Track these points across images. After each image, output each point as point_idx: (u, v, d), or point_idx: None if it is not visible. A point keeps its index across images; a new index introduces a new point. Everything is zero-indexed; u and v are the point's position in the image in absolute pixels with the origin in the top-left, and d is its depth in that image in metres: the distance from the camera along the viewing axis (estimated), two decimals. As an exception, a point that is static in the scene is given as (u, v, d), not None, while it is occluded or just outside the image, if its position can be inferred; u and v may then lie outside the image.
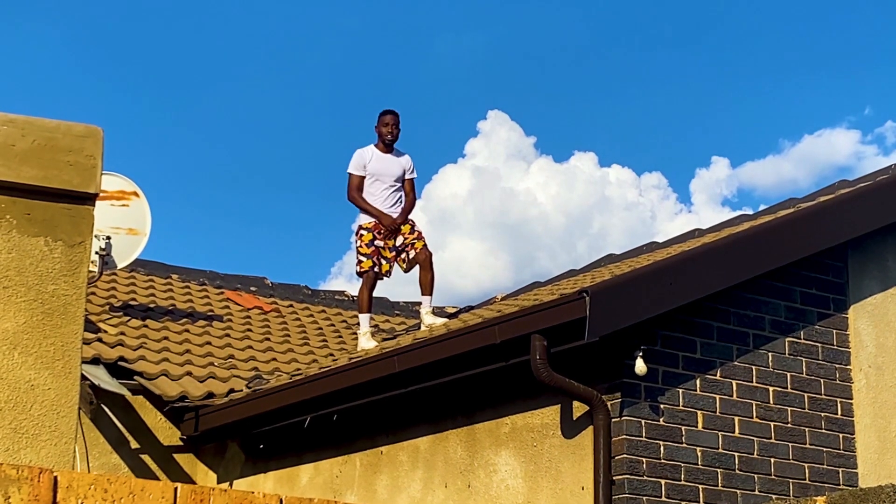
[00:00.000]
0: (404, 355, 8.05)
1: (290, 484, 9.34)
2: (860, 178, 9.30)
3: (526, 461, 7.36)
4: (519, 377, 7.22)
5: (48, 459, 3.64)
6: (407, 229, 9.89)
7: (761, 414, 7.35)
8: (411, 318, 13.34)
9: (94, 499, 2.35)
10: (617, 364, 6.93)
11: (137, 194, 10.74)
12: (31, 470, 2.31)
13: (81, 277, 3.80)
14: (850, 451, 7.63)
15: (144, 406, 9.94)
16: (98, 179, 3.87)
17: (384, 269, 9.89)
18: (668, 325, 7.12)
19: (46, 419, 3.64)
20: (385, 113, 10.04)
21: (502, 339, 7.20)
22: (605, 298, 6.79)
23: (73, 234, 3.81)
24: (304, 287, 14.29)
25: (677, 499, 6.90)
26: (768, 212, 9.56)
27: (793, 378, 7.53)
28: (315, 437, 9.08)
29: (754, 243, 7.60)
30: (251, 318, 12.34)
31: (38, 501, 2.29)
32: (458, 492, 7.81)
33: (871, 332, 7.94)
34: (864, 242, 8.05)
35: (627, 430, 6.84)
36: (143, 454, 9.91)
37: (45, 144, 3.79)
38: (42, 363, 3.66)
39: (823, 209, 8.08)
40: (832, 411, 7.63)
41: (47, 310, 3.71)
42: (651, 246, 10.84)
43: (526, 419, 7.41)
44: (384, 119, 10.03)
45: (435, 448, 8.08)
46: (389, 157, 9.99)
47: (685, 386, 7.11)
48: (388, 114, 10.04)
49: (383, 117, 10.03)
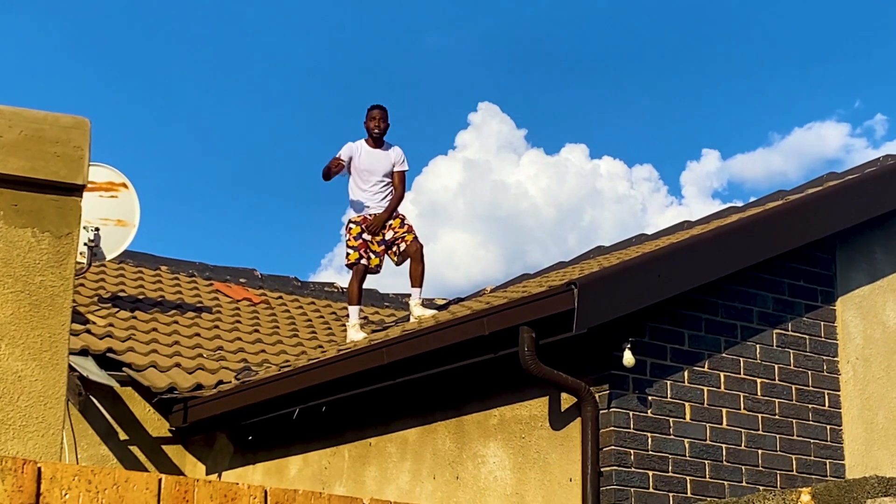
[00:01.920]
0: (393, 347, 8.06)
1: (278, 475, 9.35)
2: (848, 171, 9.32)
3: (514, 453, 7.38)
4: (507, 369, 7.24)
5: (35, 451, 3.64)
6: (397, 223, 9.91)
7: (749, 405, 7.37)
8: (401, 309, 13.34)
9: (78, 490, 2.35)
10: (605, 356, 6.94)
11: (126, 186, 10.72)
12: (15, 461, 2.32)
13: (69, 269, 3.79)
14: (837, 442, 7.65)
15: (133, 397, 9.94)
16: (85, 170, 3.86)
17: (373, 264, 9.90)
18: (656, 316, 7.13)
19: (34, 410, 3.64)
20: (372, 108, 10.10)
21: (490, 330, 7.21)
22: (593, 290, 6.80)
23: (61, 226, 3.80)
24: (293, 279, 14.29)
25: (665, 490, 6.92)
26: (757, 204, 9.57)
27: (780, 370, 7.55)
28: (304, 429, 9.09)
29: (742, 235, 7.61)
30: (240, 309, 12.33)
31: (22, 492, 2.30)
32: (446, 483, 7.83)
33: (858, 324, 7.96)
34: (852, 235, 8.07)
35: (615, 422, 6.86)
36: (131, 446, 9.90)
37: (33, 135, 3.78)
38: (29, 354, 3.66)
39: (812, 201, 8.09)
40: (819, 403, 7.65)
41: (34, 301, 3.70)
42: (640, 238, 10.86)
43: (514, 411, 7.43)
44: (371, 113, 10.08)
45: (423, 440, 8.09)
46: (378, 152, 10.02)
47: (673, 378, 7.12)
48: (375, 108, 10.10)
49: (370, 112, 10.09)
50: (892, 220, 8.27)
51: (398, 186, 9.99)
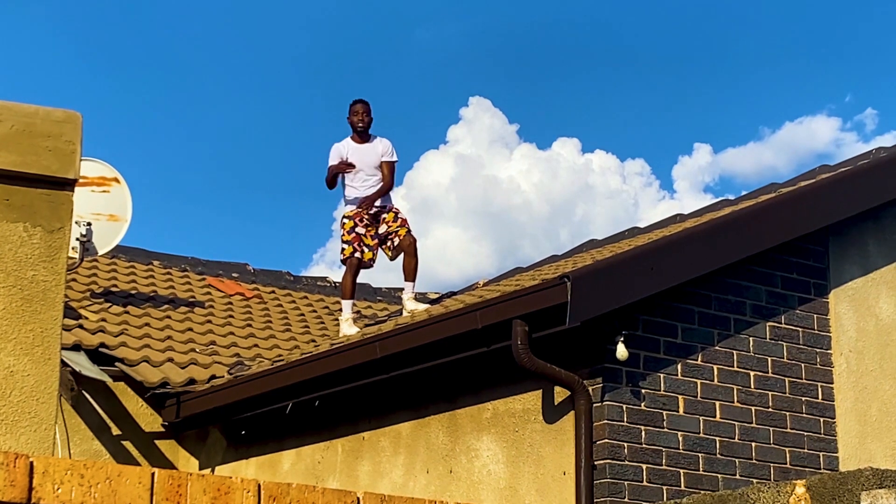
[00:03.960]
0: (386, 341, 8.06)
1: (272, 470, 9.34)
2: (841, 164, 9.33)
3: (508, 446, 7.37)
4: (500, 362, 7.23)
5: (28, 446, 3.64)
6: (391, 217, 9.89)
7: (742, 398, 7.37)
8: (394, 304, 13.33)
9: (70, 484, 2.34)
10: (598, 349, 6.94)
11: (118, 180, 10.71)
12: (7, 455, 2.31)
13: (61, 263, 3.79)
14: (830, 435, 7.66)
15: (126, 392, 9.93)
16: (77, 165, 3.85)
17: (367, 258, 9.88)
18: (649, 309, 7.13)
19: (26, 405, 3.63)
20: (354, 103, 10.09)
21: (484, 324, 7.21)
22: (586, 284, 6.80)
23: (53, 220, 3.79)
24: (286, 273, 14.28)
25: (658, 483, 6.92)
26: (749, 197, 9.57)
27: (774, 362, 7.55)
28: (297, 423, 9.08)
29: (735, 228, 7.61)
30: (233, 304, 12.33)
31: (14, 486, 2.29)
32: (439, 477, 7.82)
33: (851, 317, 7.96)
34: (845, 227, 8.07)
35: (609, 415, 6.86)
36: (124, 440, 9.89)
37: (24, 130, 3.77)
38: (21, 349, 3.65)
39: (804, 194, 8.09)
40: (813, 395, 7.66)
41: (26, 296, 3.70)
42: (633, 231, 10.85)
43: (507, 404, 7.42)
44: (354, 108, 10.07)
45: (417, 434, 8.09)
46: (365, 147, 10.00)
47: (666, 371, 7.12)
48: (358, 103, 10.09)
49: (353, 107, 10.07)
50: (884, 212, 8.27)
51: (387, 176, 9.96)
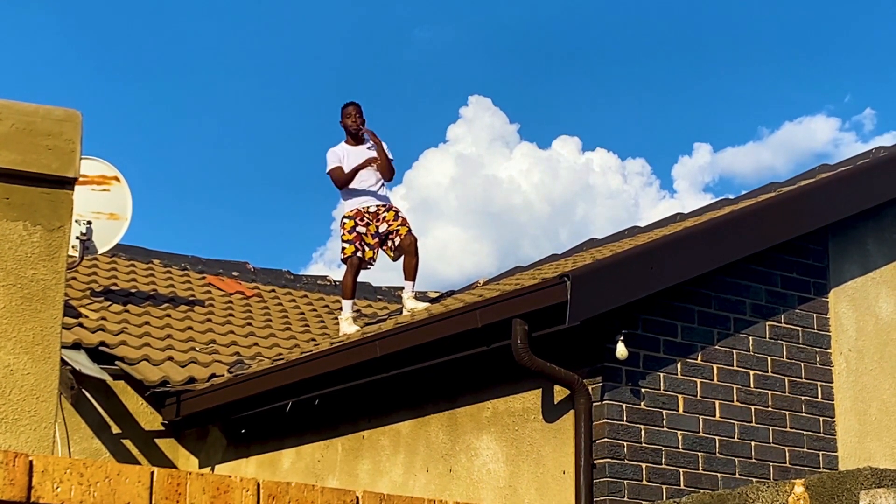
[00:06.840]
0: (386, 340, 8.06)
1: (271, 468, 9.35)
2: (840, 163, 9.32)
3: (507, 445, 7.37)
4: (500, 361, 7.23)
5: (28, 444, 3.64)
6: (391, 216, 9.89)
7: (742, 398, 7.37)
8: (394, 303, 13.33)
9: (70, 483, 2.34)
10: (598, 348, 6.94)
11: (118, 179, 10.71)
12: (6, 454, 2.31)
13: (61, 262, 3.79)
14: (830, 434, 7.66)
15: (126, 391, 9.93)
16: (77, 164, 3.86)
17: (367, 256, 9.88)
18: (649, 309, 7.13)
19: (26, 404, 3.63)
20: (346, 105, 10.08)
21: (483, 323, 7.21)
22: (586, 283, 6.80)
23: (53, 219, 3.80)
24: (286, 272, 14.28)
25: (658, 482, 6.92)
26: (749, 196, 9.57)
27: (773, 362, 7.55)
28: (297, 422, 9.08)
29: (735, 227, 7.61)
30: (233, 303, 12.33)
31: (14, 485, 2.29)
32: (439, 476, 7.82)
33: (851, 316, 7.96)
34: (845, 226, 8.07)
35: (608, 414, 6.86)
36: (124, 439, 9.90)
37: (24, 128, 3.78)
38: (21, 348, 3.65)
39: (804, 193, 8.09)
40: (812, 395, 7.66)
41: (26, 294, 3.70)
42: (633, 230, 10.85)
43: (507, 403, 7.43)
44: (346, 111, 10.05)
45: (416, 432, 8.09)
46: (360, 149, 9.99)
47: (666, 370, 7.12)
48: (350, 105, 10.08)
49: (346, 109, 10.05)
50: (884, 211, 8.27)
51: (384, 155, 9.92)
